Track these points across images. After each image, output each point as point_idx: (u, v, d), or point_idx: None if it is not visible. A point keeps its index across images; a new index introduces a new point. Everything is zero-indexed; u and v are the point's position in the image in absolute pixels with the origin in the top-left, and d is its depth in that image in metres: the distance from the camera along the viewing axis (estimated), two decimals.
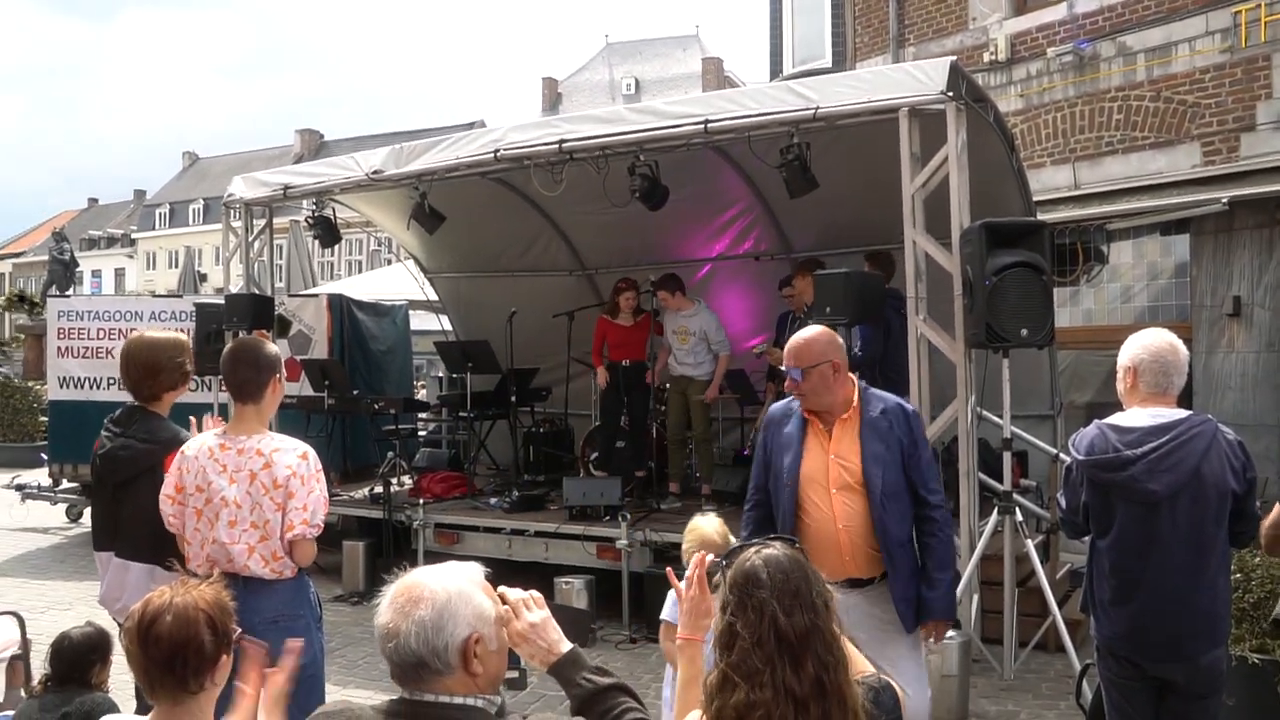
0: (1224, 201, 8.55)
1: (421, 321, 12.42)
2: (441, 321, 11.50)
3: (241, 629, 2.29)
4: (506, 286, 10.24)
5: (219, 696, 2.24)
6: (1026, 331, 5.07)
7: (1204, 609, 3.16)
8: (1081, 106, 10.01)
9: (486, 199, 8.84)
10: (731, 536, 3.40)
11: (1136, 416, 3.23)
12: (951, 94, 5.32)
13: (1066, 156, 10.10)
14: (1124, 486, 3.17)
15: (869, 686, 2.02)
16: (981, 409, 5.83)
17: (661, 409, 8.46)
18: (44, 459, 11.37)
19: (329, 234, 8.40)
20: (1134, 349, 3.30)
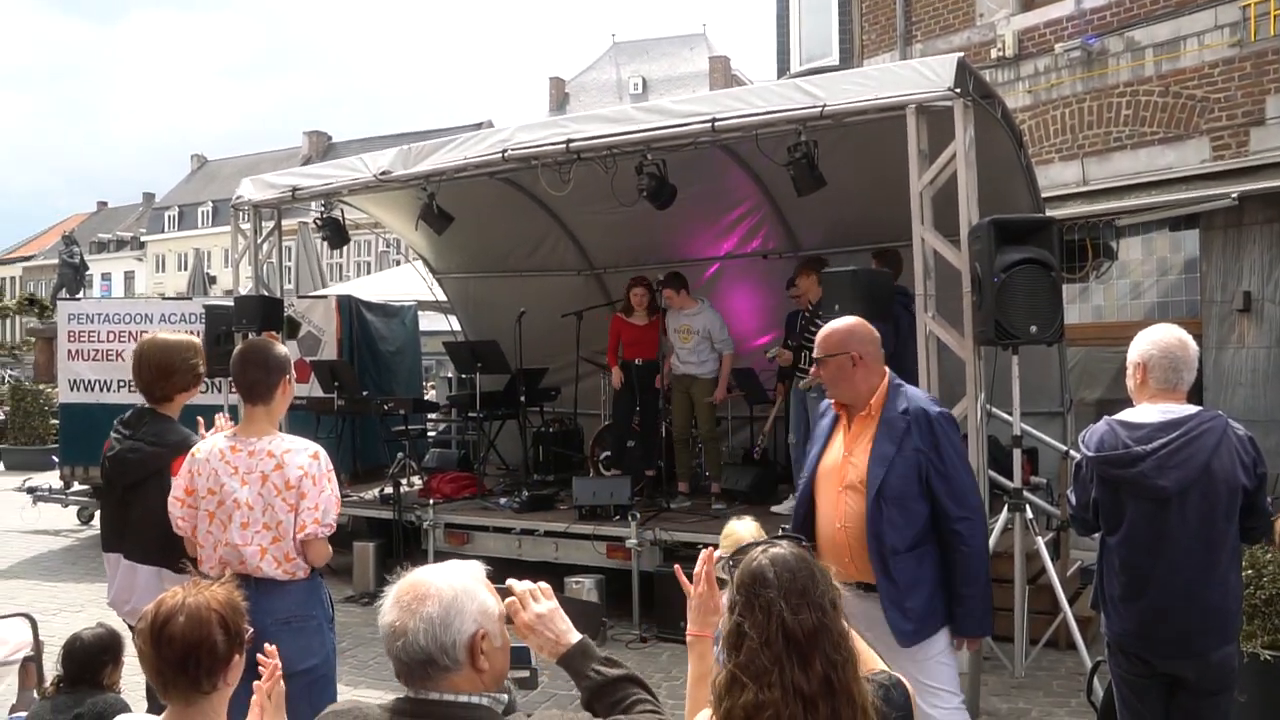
0: (1234, 196, 8.52)
1: (430, 322, 12.43)
2: (450, 322, 11.51)
3: (254, 629, 2.30)
4: (515, 286, 10.25)
5: (231, 696, 2.24)
6: (1036, 328, 5.04)
7: (1215, 605, 3.16)
8: (1090, 102, 9.98)
9: (494, 199, 8.86)
10: None
11: (1146, 412, 3.22)
12: (959, 90, 5.29)
13: (1075, 152, 10.06)
14: (1134, 483, 3.16)
15: (879, 684, 2.01)
16: (991, 406, 5.81)
17: (668, 407, 8.45)
18: (55, 462, 11.45)
19: (338, 235, 8.40)
20: (1143, 345, 3.29)
